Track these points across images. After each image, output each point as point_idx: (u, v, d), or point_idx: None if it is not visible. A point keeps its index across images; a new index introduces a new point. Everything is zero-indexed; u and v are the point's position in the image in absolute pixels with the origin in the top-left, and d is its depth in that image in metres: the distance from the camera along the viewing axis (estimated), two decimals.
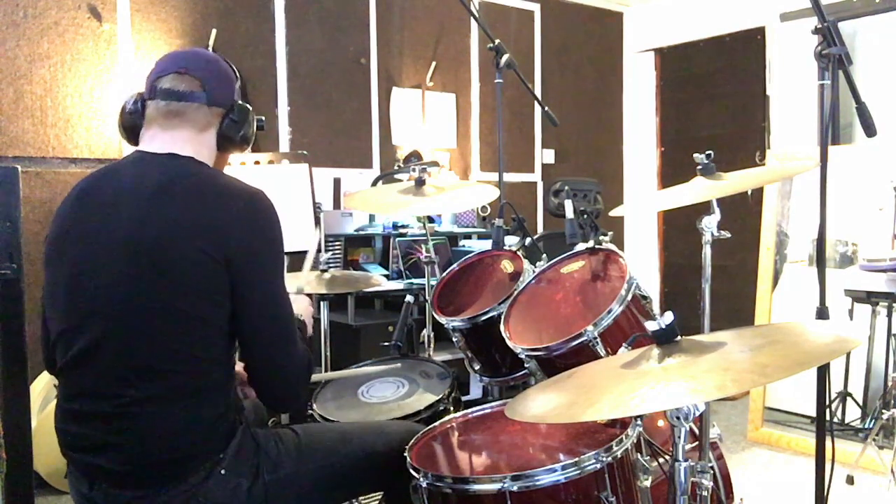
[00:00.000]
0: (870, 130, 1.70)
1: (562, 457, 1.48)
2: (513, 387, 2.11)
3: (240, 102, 1.58)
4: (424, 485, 1.45)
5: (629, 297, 1.74)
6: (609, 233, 2.05)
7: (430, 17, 4.64)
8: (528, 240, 2.30)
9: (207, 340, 1.40)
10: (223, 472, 1.42)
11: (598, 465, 1.38)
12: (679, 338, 1.19)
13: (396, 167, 4.39)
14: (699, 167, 1.74)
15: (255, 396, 1.56)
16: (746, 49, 4.88)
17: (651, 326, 1.19)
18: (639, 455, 1.48)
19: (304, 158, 2.75)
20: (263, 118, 1.70)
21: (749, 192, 4.36)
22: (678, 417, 1.16)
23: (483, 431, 1.69)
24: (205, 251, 1.37)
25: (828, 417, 1.88)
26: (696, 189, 1.70)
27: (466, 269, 2.31)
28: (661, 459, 1.56)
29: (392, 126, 4.48)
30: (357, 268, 3.97)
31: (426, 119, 4.61)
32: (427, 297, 2.36)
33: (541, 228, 5.11)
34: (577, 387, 1.24)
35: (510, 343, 1.81)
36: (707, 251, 1.71)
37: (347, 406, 2.06)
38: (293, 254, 2.30)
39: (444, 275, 2.30)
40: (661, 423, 1.82)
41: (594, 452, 1.38)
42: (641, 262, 5.53)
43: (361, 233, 4.07)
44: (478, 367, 2.11)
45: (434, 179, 2.65)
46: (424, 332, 2.51)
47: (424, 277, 2.56)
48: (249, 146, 1.63)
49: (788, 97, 4.57)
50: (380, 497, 1.82)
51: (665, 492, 1.53)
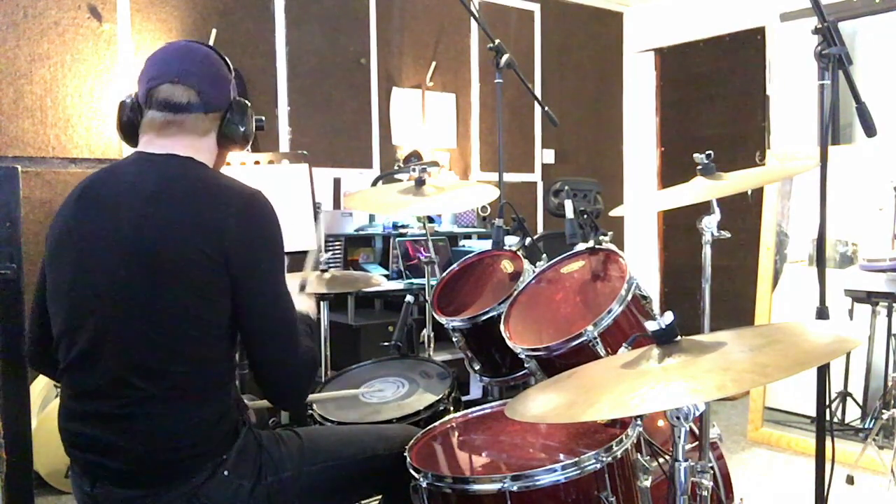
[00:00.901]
0: (870, 130, 1.70)
1: (562, 457, 1.48)
2: (513, 387, 2.11)
3: (237, 99, 1.56)
4: (424, 485, 1.45)
5: (629, 297, 1.74)
6: (609, 233, 2.05)
7: (430, 17, 4.64)
8: (528, 240, 2.30)
9: (208, 340, 1.41)
10: (226, 473, 1.42)
11: (598, 465, 1.38)
12: (679, 338, 1.19)
13: (396, 167, 4.39)
14: (699, 167, 1.74)
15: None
16: (746, 49, 4.87)
17: (651, 326, 1.19)
18: (639, 455, 1.48)
19: (304, 158, 2.75)
20: (263, 118, 1.70)
21: (749, 192, 4.36)
22: (678, 417, 1.16)
23: (483, 431, 1.69)
24: (204, 251, 1.37)
25: (828, 417, 1.88)
26: (696, 189, 1.70)
27: (466, 269, 2.31)
28: (661, 459, 1.55)
29: (392, 126, 4.48)
30: (357, 268, 3.97)
31: (426, 119, 4.61)
32: (427, 297, 2.36)
33: (541, 228, 5.11)
34: (577, 387, 1.24)
35: (510, 343, 1.81)
36: (707, 251, 1.71)
37: (347, 406, 2.06)
38: (293, 254, 2.30)
39: (444, 275, 2.30)
40: (661, 423, 1.82)
41: (594, 452, 1.38)
42: (641, 262, 5.53)
43: (361, 233, 4.07)
44: (478, 367, 2.11)
45: (434, 179, 2.65)
46: (424, 332, 2.51)
47: (424, 277, 2.56)
48: (250, 142, 1.62)
49: (788, 97, 4.57)
50: (379, 499, 1.82)
51: (665, 492, 1.52)
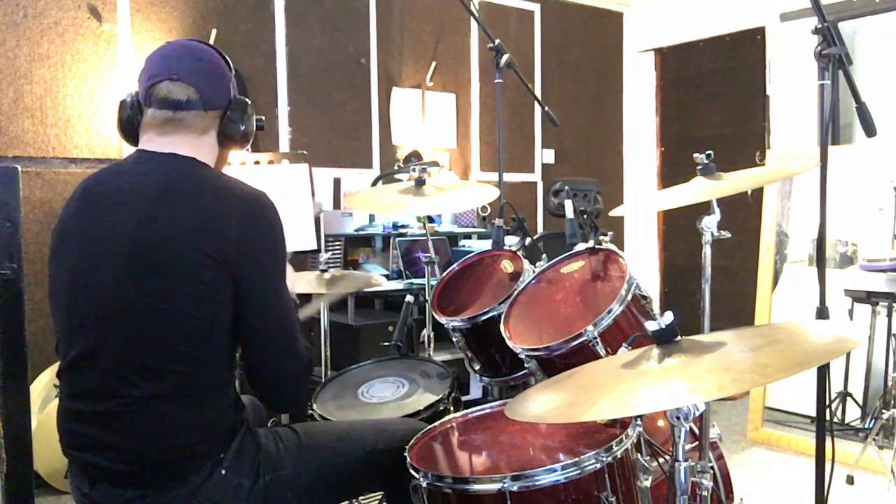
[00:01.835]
0: (870, 130, 1.71)
1: (562, 457, 1.48)
2: (513, 387, 2.11)
3: (237, 98, 1.55)
4: (424, 485, 1.45)
5: (629, 297, 1.74)
6: (609, 233, 2.05)
7: (430, 17, 4.64)
8: (528, 240, 2.30)
9: (209, 341, 1.40)
10: (224, 472, 1.42)
11: (598, 465, 1.38)
12: (679, 338, 1.19)
13: (396, 167, 4.39)
14: (699, 167, 1.74)
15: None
16: (746, 49, 4.88)
17: (651, 326, 1.19)
18: (639, 455, 1.48)
19: (304, 158, 2.75)
20: (263, 118, 1.70)
21: (749, 192, 4.36)
22: (678, 417, 1.16)
23: (483, 431, 1.69)
24: (206, 252, 1.37)
25: (828, 417, 1.88)
26: (696, 189, 1.70)
27: (466, 269, 2.31)
28: (661, 459, 1.56)
29: (392, 126, 4.48)
30: (357, 268, 3.97)
31: (426, 119, 4.61)
32: (427, 297, 2.36)
33: (541, 228, 5.11)
34: (577, 387, 1.24)
35: (510, 343, 1.81)
36: (707, 251, 1.71)
37: (347, 406, 2.07)
38: (293, 254, 2.30)
39: (444, 275, 2.30)
40: (661, 423, 1.82)
41: (594, 452, 1.38)
42: (641, 262, 5.53)
43: (361, 233, 4.07)
44: (478, 367, 2.11)
45: (434, 179, 2.65)
46: (424, 332, 2.51)
47: (424, 277, 2.56)
48: (251, 141, 1.62)
49: (788, 97, 4.57)
50: (380, 497, 1.82)
51: (665, 492, 1.53)
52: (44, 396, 3.06)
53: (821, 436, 1.83)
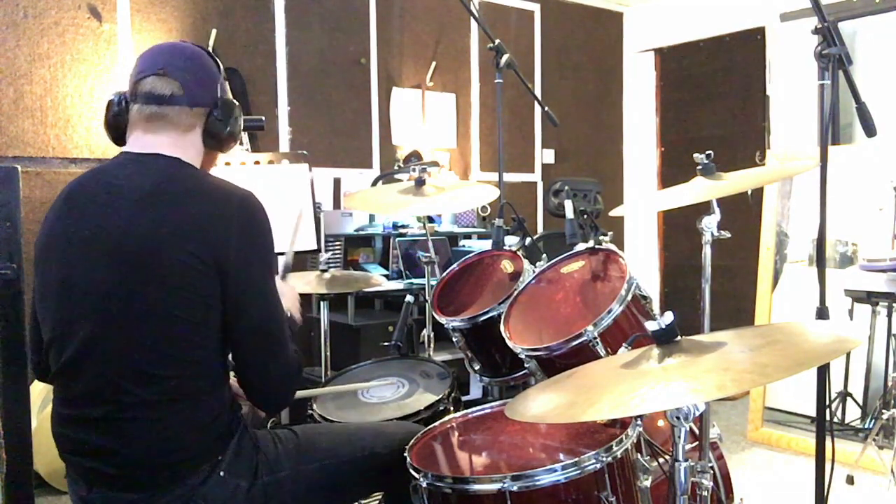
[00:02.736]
0: (870, 130, 1.71)
1: (562, 457, 1.48)
2: (513, 387, 2.11)
3: (224, 98, 1.53)
4: (424, 485, 1.45)
5: (629, 297, 1.74)
6: (609, 233, 2.05)
7: (430, 17, 4.64)
8: (528, 240, 2.30)
9: (200, 343, 1.40)
10: (222, 474, 1.42)
11: (598, 465, 1.38)
12: (679, 338, 1.19)
13: (396, 167, 4.39)
14: (699, 167, 1.74)
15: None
16: (746, 49, 4.87)
17: (651, 326, 1.19)
18: (639, 455, 1.48)
19: (304, 158, 2.75)
20: (263, 118, 1.70)
21: (749, 192, 4.36)
22: (678, 417, 1.16)
23: (483, 431, 1.69)
24: (194, 254, 1.36)
25: (828, 417, 1.88)
26: (696, 189, 1.70)
27: (466, 269, 2.31)
28: (661, 459, 1.55)
29: (392, 126, 4.48)
30: (357, 268, 3.97)
31: (426, 119, 4.61)
32: (427, 297, 2.36)
33: (541, 228, 5.11)
34: (577, 387, 1.24)
35: (510, 343, 1.81)
36: (707, 251, 1.71)
37: (347, 406, 2.06)
38: (294, 254, 2.29)
39: (444, 275, 2.30)
40: (661, 423, 1.82)
41: (594, 452, 1.38)
42: (641, 262, 5.53)
43: (361, 233, 4.07)
44: (478, 367, 2.11)
45: (434, 179, 2.65)
46: (424, 332, 2.51)
47: (424, 277, 2.57)
48: (237, 143, 1.60)
49: (788, 97, 4.57)
50: (380, 497, 1.82)
51: (665, 492, 1.53)
52: (44, 396, 3.06)
53: (821, 436, 1.83)
